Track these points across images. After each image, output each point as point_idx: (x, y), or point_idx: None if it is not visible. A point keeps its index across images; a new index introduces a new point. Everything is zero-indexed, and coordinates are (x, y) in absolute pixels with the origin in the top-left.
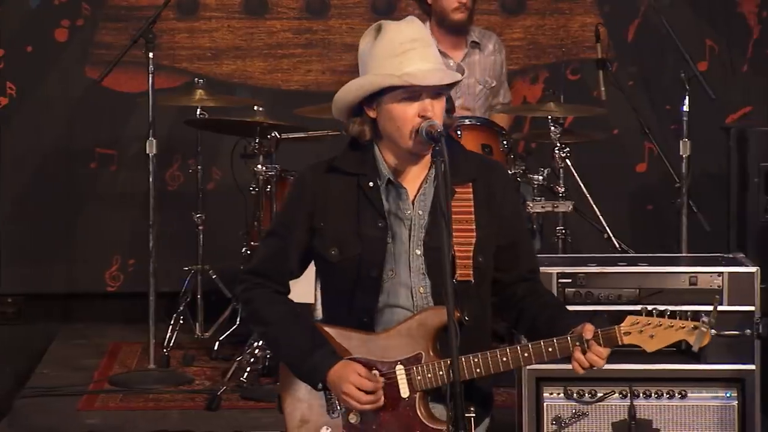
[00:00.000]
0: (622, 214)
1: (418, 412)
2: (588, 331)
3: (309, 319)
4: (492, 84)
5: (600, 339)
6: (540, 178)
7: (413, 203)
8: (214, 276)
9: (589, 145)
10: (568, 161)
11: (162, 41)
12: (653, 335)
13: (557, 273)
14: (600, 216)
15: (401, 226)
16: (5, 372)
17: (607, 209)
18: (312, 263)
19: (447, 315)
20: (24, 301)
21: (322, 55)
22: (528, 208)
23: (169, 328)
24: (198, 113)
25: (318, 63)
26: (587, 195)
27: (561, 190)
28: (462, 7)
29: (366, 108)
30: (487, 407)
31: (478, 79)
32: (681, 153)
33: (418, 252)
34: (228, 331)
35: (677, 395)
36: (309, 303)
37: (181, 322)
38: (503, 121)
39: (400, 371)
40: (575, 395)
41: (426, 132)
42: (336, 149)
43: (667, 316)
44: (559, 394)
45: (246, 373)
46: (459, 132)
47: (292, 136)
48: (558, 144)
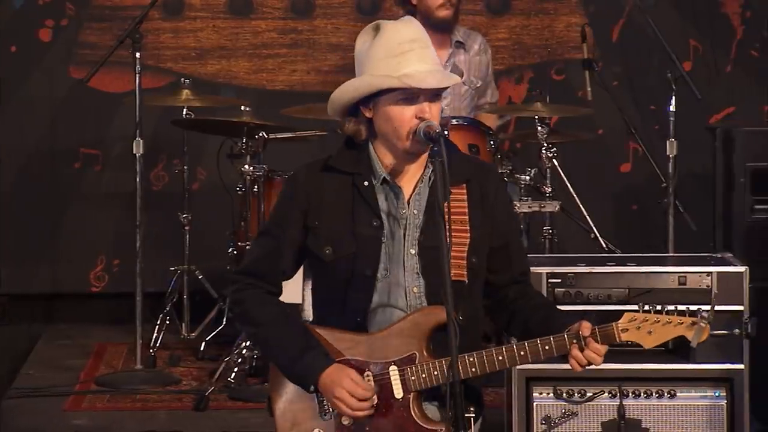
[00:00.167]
0: (606, 214)
1: (412, 412)
2: (585, 329)
3: (301, 321)
4: (477, 84)
5: (597, 336)
6: (527, 178)
7: (408, 203)
8: (200, 276)
9: (574, 145)
10: (555, 161)
11: (147, 41)
12: (651, 331)
13: (547, 273)
14: (587, 216)
15: (396, 225)
16: None
17: (592, 209)
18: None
19: (447, 314)
20: (8, 302)
21: (307, 55)
22: (515, 208)
23: (156, 328)
24: (184, 113)
25: (303, 63)
26: (574, 195)
27: (548, 190)
28: (447, 4)
29: (362, 108)
30: (479, 407)
31: (463, 80)
32: (668, 153)
33: (412, 251)
34: (214, 332)
35: (666, 395)
36: (297, 303)
37: (168, 322)
38: (490, 121)
39: (393, 372)
40: (565, 395)
41: (424, 132)
42: (322, 149)
43: (665, 312)
44: (549, 393)
45: (233, 374)
46: (446, 132)
47: (279, 136)
48: (545, 144)
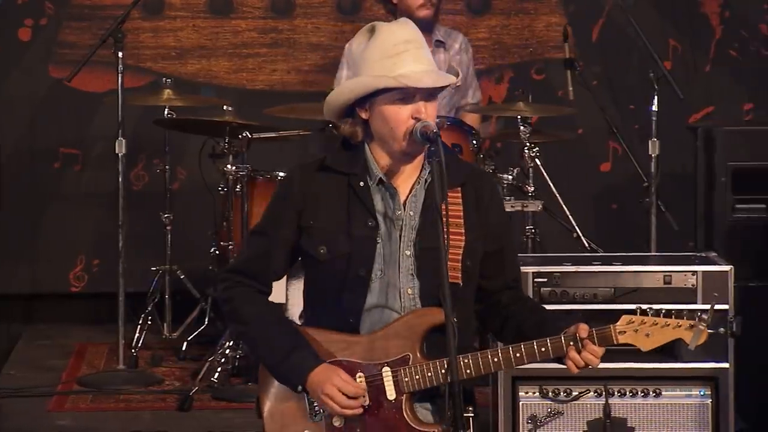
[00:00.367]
0: (586, 213)
1: (404, 414)
2: (583, 330)
3: (290, 321)
4: (457, 83)
5: (594, 338)
6: (509, 177)
7: (405, 204)
8: (182, 276)
9: (554, 145)
10: (537, 161)
11: (126, 40)
12: (649, 334)
13: (533, 272)
14: (569, 215)
15: (392, 226)
16: None
17: (573, 209)
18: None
19: (445, 315)
20: None
21: (287, 55)
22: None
23: (138, 328)
24: (166, 113)
25: (283, 62)
26: (557, 194)
27: (530, 189)
28: (428, 4)
29: (358, 109)
30: (473, 407)
31: None
32: (650, 152)
33: (408, 253)
34: (196, 332)
35: (652, 394)
36: (280, 303)
37: (149, 322)
38: (473, 121)
39: (386, 373)
40: (550, 394)
41: (421, 133)
42: (303, 148)
43: (662, 314)
44: (535, 393)
45: (217, 374)
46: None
47: (263, 135)
48: (527, 144)
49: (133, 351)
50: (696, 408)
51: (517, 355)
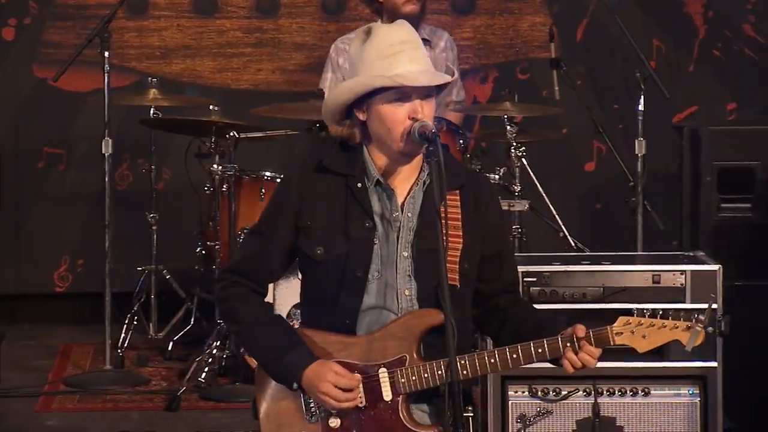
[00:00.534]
0: (571, 212)
1: (400, 415)
2: (580, 330)
3: (285, 321)
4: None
5: (591, 339)
6: (496, 177)
7: (402, 205)
8: (168, 276)
9: (538, 145)
10: (524, 160)
11: (111, 40)
12: (645, 335)
13: (522, 272)
14: (555, 215)
15: (389, 227)
16: None
17: (557, 208)
18: None
19: (445, 315)
20: None
21: (272, 55)
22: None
23: (124, 328)
24: (152, 113)
25: (268, 62)
26: (543, 194)
27: (516, 189)
28: None
29: (356, 110)
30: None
31: None
32: (636, 152)
33: (405, 254)
34: (182, 332)
35: (641, 393)
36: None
37: (135, 322)
38: (456, 119)
39: (383, 374)
40: (540, 393)
41: (419, 133)
42: (289, 148)
43: (659, 315)
44: (524, 392)
45: (204, 374)
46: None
47: (250, 135)
48: (514, 143)
49: (119, 351)
50: (685, 407)
51: (514, 356)
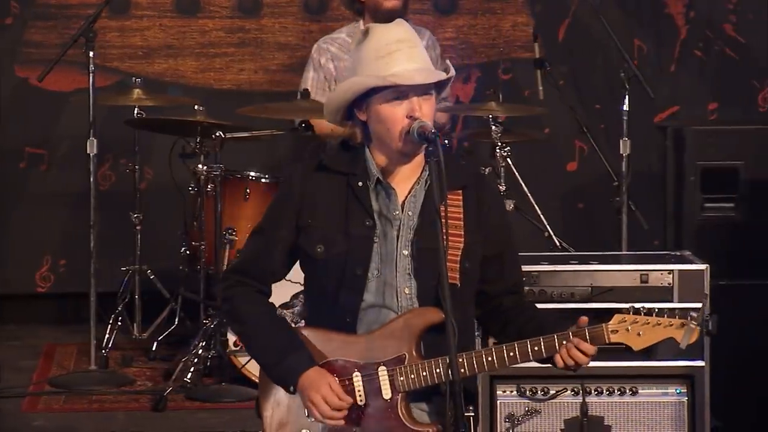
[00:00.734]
0: (554, 212)
1: (399, 413)
2: (582, 321)
3: (287, 322)
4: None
5: (587, 336)
6: None
7: (403, 204)
8: (152, 276)
9: (521, 145)
10: (509, 160)
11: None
12: (641, 333)
13: None
14: (540, 215)
15: (389, 226)
16: None
17: (540, 208)
18: None
19: (445, 314)
20: None
21: (254, 54)
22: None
23: (108, 328)
24: (136, 113)
25: (251, 62)
26: (528, 194)
27: (502, 189)
28: None
29: (356, 110)
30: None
31: None
32: (621, 152)
33: (405, 252)
34: (166, 332)
35: (628, 392)
36: None
37: (119, 323)
38: (443, 119)
39: (382, 372)
40: (528, 393)
41: (418, 133)
42: (274, 148)
43: (655, 314)
44: (512, 391)
45: (190, 374)
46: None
47: (236, 135)
48: (499, 143)
49: (104, 351)
50: (672, 406)
51: (511, 354)
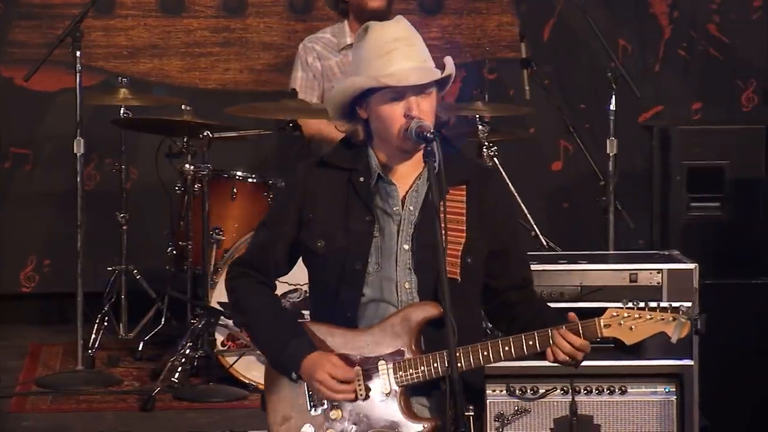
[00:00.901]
0: (538, 211)
1: (398, 407)
2: (571, 317)
3: (289, 311)
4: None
5: (580, 330)
6: None
7: (404, 199)
8: (138, 276)
9: (505, 144)
10: (495, 159)
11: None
12: (633, 327)
13: None
14: (527, 214)
15: (389, 221)
16: None
17: (525, 207)
18: None
19: (444, 313)
20: None
21: (239, 54)
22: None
23: (94, 328)
24: (122, 112)
25: (236, 62)
26: (515, 193)
27: None
28: None
29: (358, 108)
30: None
31: None
32: (608, 151)
33: (406, 247)
34: (152, 332)
35: (617, 391)
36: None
37: (106, 323)
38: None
39: (382, 367)
40: (517, 392)
41: (416, 133)
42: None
43: (648, 308)
44: (502, 390)
45: (177, 374)
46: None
47: (223, 135)
48: (486, 143)
49: (90, 351)
50: (661, 405)
51: (506, 349)
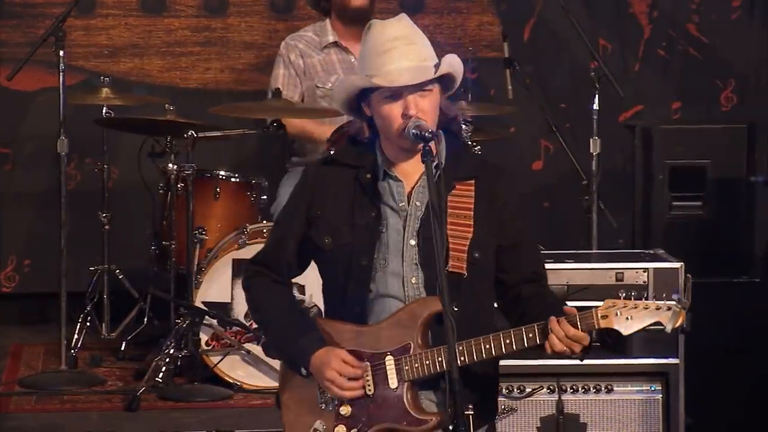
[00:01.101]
0: None
1: (405, 402)
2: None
3: (301, 308)
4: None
5: (578, 322)
6: None
7: (411, 195)
8: (120, 276)
9: (489, 144)
10: None
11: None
12: (629, 317)
13: None
14: None
15: (396, 216)
16: None
17: None
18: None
19: (444, 312)
20: None
21: (220, 54)
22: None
23: (77, 328)
24: (104, 112)
25: (217, 61)
26: None
27: None
28: None
29: (363, 106)
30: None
31: None
32: (591, 151)
33: (412, 242)
34: (134, 332)
35: (604, 389)
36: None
37: (88, 323)
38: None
39: (389, 361)
40: (504, 391)
41: (413, 133)
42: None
43: (644, 298)
44: None
45: (161, 373)
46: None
47: (207, 135)
48: (470, 142)
49: (73, 351)
50: (646, 403)
51: (507, 341)
